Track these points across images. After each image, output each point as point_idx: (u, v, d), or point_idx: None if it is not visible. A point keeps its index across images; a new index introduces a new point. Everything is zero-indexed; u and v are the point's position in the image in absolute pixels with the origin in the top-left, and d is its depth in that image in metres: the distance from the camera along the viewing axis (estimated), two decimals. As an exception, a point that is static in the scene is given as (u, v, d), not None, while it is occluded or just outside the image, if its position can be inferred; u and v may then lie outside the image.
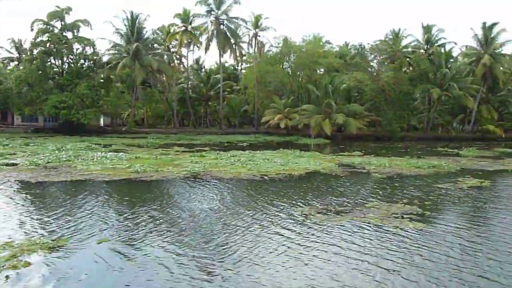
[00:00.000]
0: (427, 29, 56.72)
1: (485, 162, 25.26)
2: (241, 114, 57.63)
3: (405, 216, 10.65)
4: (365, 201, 12.64)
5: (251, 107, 54.11)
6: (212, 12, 49.54)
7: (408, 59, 54.02)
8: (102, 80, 48.56)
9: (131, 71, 46.35)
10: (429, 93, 50.29)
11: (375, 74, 50.08)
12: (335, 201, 12.76)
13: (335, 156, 26.82)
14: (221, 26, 50.33)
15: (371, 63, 51.83)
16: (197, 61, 65.55)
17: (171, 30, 50.55)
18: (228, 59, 66.60)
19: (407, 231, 9.32)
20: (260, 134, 51.43)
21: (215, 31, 49.58)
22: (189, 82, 54.95)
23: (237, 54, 57.41)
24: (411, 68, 53.53)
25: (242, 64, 58.56)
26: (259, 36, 54.63)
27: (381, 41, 52.30)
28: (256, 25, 53.77)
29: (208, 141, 40.04)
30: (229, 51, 59.03)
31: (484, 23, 54.33)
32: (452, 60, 53.97)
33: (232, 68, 61.67)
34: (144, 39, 48.13)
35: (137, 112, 52.42)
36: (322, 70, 51.66)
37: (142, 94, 51.12)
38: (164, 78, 53.61)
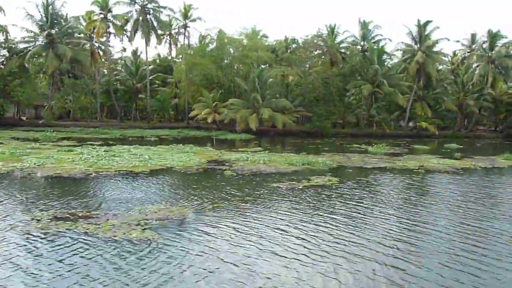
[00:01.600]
0: (363, 25, 56.23)
1: (376, 159, 24.39)
2: (171, 108, 55.49)
3: (147, 223, 8.95)
4: (140, 203, 10.97)
5: (182, 101, 52.09)
6: (137, 0, 47.06)
7: (343, 55, 53.29)
8: (15, 69, 45.20)
9: (45, 60, 43.35)
10: (360, 89, 49.69)
11: (304, 69, 48.92)
12: (105, 203, 11.00)
13: (224, 152, 25.27)
14: (148, 16, 47.91)
15: (303, 58, 50.63)
16: (135, 52, 62.76)
17: (91, 18, 47.78)
18: (162, 50, 64.19)
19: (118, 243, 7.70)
20: (189, 129, 49.59)
21: (140, 21, 47.14)
22: (114, 73, 52.26)
23: (171, 46, 55.20)
24: (346, 64, 52.79)
25: (176, 56, 56.17)
26: (188, 27, 52.68)
27: (313, 36, 51.29)
28: (186, 15, 51.72)
29: (119, 135, 37.89)
30: (163, 42, 56.90)
31: (419, 21, 54.39)
32: (386, 56, 53.58)
33: (169, 59, 59.16)
34: (60, 27, 45.18)
35: (60, 105, 49.30)
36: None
37: (67, 85, 48.19)
38: (93, 69, 50.74)
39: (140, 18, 47.14)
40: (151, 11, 47.75)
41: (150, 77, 54.14)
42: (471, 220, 10.42)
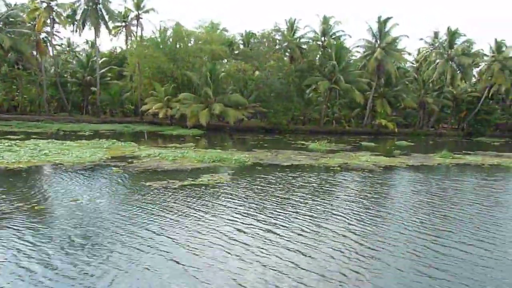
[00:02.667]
0: (324, 20, 55.41)
1: (304, 156, 23.48)
2: (125, 101, 53.64)
3: None
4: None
5: (136, 95, 50.35)
6: (85, -11, 45.09)
7: (302, 51, 52.31)
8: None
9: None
10: (317, 85, 48.82)
11: (260, 64, 47.76)
12: None
13: (146, 148, 23.89)
14: (97, 6, 45.89)
15: (259, 52, 49.40)
16: (92, 44, 60.51)
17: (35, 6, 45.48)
18: (116, 42, 61.88)
19: None
20: (141, 124, 47.95)
21: (88, 10, 45.13)
22: (62, 64, 50.08)
23: (128, 38, 53.30)
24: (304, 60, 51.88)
25: (129, 48, 54.18)
26: (141, 18, 50.89)
27: (271, 30, 50.15)
28: (138, 6, 49.94)
29: (56, 129, 36.05)
30: (119, 34, 55.02)
31: (379, 17, 53.80)
32: (345, 52, 52.77)
33: (125, 52, 57.07)
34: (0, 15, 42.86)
35: (3, 97, 46.95)
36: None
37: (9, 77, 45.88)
38: (39, 60, 48.42)
39: (89, 7, 45.11)
40: (101, 0, 45.75)
41: (103, 70, 52.16)
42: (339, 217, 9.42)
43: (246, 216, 9.84)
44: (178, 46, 47.11)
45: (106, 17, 46.79)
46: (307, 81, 49.22)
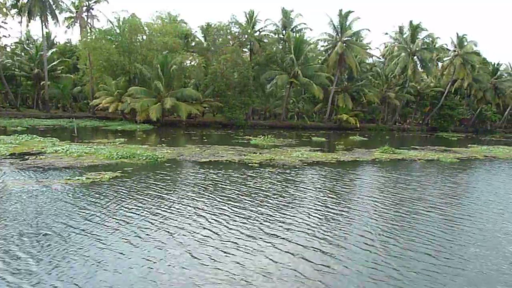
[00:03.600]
0: (285, 13, 54.22)
1: (233, 152, 22.26)
2: (77, 96, 51.53)
3: None
4: None
5: (87, 89, 48.30)
6: (29, -22, 42.69)
7: (260, 44, 50.99)
8: None
9: None
10: (275, 79, 47.68)
11: (215, 56, 46.31)
12: None
13: (65, 143, 22.30)
14: (44, -5, 43.61)
15: (217, 45, 47.89)
16: (48, 36, 57.92)
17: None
18: (71, 35, 59.38)
19: None
20: (90, 119, 46.02)
21: (33, 0, 42.78)
22: (3, 57, 47.70)
23: (82, 29, 51.07)
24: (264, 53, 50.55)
25: (80, 40, 51.89)
26: (92, 9, 48.81)
27: (228, 23, 48.66)
28: (88, -5, 47.92)
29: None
30: (74, 25, 52.80)
31: (340, 10, 52.93)
32: (305, 46, 51.73)
33: (78, 45, 54.67)
34: None
35: None
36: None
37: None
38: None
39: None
40: (47, -10, 43.52)
41: (54, 63, 49.93)
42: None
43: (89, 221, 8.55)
44: (133, 38, 45.24)
45: (53, 6, 44.48)
46: (265, 75, 48.04)
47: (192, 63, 44.82)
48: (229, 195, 11.70)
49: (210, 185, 13.02)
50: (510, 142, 45.23)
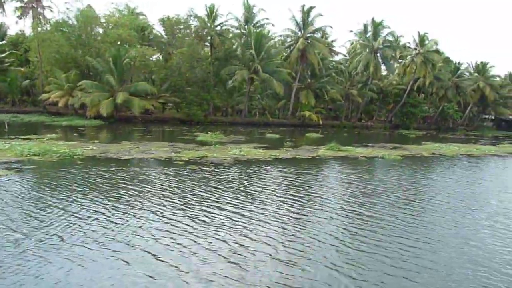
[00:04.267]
0: (247, 8, 53.23)
1: (166, 150, 21.15)
2: (26, 90, 49.11)
3: None
4: None
5: (37, 82, 46.05)
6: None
7: (220, 38, 49.78)
8: None
9: None
10: (234, 74, 46.63)
11: (171, 50, 44.92)
12: None
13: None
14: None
15: (174, 38, 46.44)
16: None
17: None
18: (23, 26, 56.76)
19: None
20: (41, 114, 43.88)
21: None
22: None
23: (33, 20, 48.57)
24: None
25: (32, 31, 49.42)
26: (43, -1, 46.58)
27: (187, 16, 47.24)
28: (38, -14, 45.64)
29: None
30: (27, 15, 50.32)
31: (303, 6, 52.33)
32: (266, 41, 50.91)
33: (31, 36, 52.05)
34: None
35: None
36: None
37: None
38: None
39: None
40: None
41: (3, 55, 47.42)
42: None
43: None
44: (88, 30, 43.29)
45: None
46: (225, 70, 46.93)
47: (147, 57, 43.10)
48: (119, 195, 10.65)
49: (107, 185, 11.95)
50: (466, 140, 45.77)
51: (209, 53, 48.82)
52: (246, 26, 52.86)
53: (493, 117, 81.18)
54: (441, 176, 17.39)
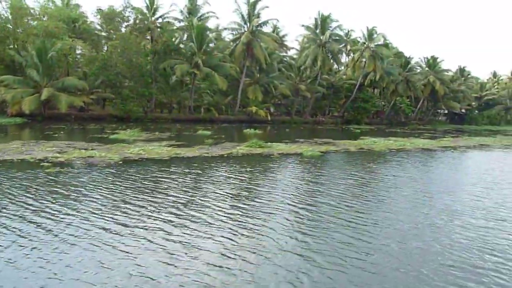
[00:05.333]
0: (191, 0, 51.15)
1: (61, 147, 19.01)
2: None
3: None
4: None
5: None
6: None
7: (162, 31, 47.53)
8: None
9: None
10: (174, 69, 44.50)
11: (104, 43, 42.35)
12: None
13: None
14: None
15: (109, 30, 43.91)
16: None
17: None
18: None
19: None
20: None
21: None
22: None
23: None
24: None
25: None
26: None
27: (123, 8, 44.77)
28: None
29: None
30: None
31: (249, -1, 50.70)
32: (210, 34, 49.03)
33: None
34: None
35: None
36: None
37: None
38: None
39: None
40: None
41: None
42: None
43: None
44: (18, 22, 40.01)
45: None
46: (164, 64, 44.73)
47: (79, 50, 40.44)
48: None
49: None
50: (410, 134, 45.53)
51: (148, 46, 46.45)
52: (191, 19, 50.71)
53: (446, 111, 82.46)
54: (341, 173, 16.18)
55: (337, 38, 54.90)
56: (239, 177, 14.19)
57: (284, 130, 43.53)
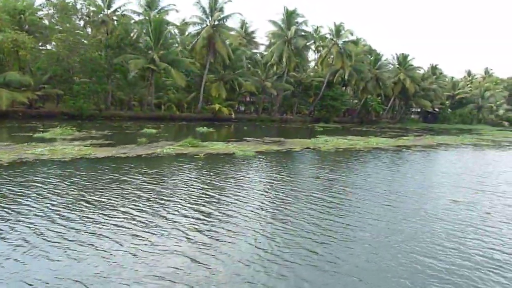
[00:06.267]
0: (147, -7, 48.98)
1: None
2: None
3: None
4: None
5: None
6: None
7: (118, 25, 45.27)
8: None
9: None
10: (127, 64, 42.39)
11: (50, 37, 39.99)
12: None
13: None
14: None
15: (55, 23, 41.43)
16: None
17: None
18: None
19: None
20: None
21: None
22: None
23: None
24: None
25: None
26: None
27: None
28: None
29: None
30: None
31: (210, -10, 48.81)
32: (170, 28, 47.11)
33: None
34: None
35: None
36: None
37: None
38: None
39: None
40: None
41: None
42: None
43: None
44: None
45: None
46: (118, 59, 42.53)
47: (23, 44, 37.82)
48: None
49: None
50: (375, 132, 44.43)
51: (100, 40, 44.19)
52: (148, 12, 48.57)
53: (419, 110, 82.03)
54: (255, 175, 14.58)
55: (303, 34, 53.42)
56: (123, 181, 12.43)
57: (243, 128, 41.83)
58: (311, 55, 65.72)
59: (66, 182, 11.86)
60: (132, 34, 44.45)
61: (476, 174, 17.47)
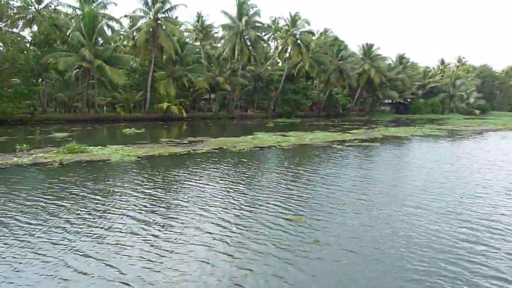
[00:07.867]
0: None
1: None
2: None
3: None
4: None
5: None
6: None
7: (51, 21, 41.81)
8: None
9: None
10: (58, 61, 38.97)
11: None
12: None
13: None
14: None
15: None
16: None
17: None
18: None
19: None
20: None
21: None
22: None
23: None
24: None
25: None
26: None
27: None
28: None
29: None
30: None
31: (152, -19, 45.50)
32: (106, 22, 43.74)
33: None
34: None
35: None
36: None
37: None
38: None
39: None
40: None
41: None
42: None
43: None
44: None
45: None
46: (46, 57, 39.10)
47: None
48: None
49: None
50: (328, 127, 41.68)
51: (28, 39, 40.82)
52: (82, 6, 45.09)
53: (391, 101, 79.66)
54: (107, 186, 11.60)
55: (257, 25, 50.38)
56: None
57: (187, 128, 38.81)
58: (272, 48, 62.79)
59: None
60: (65, 30, 41.03)
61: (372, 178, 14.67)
